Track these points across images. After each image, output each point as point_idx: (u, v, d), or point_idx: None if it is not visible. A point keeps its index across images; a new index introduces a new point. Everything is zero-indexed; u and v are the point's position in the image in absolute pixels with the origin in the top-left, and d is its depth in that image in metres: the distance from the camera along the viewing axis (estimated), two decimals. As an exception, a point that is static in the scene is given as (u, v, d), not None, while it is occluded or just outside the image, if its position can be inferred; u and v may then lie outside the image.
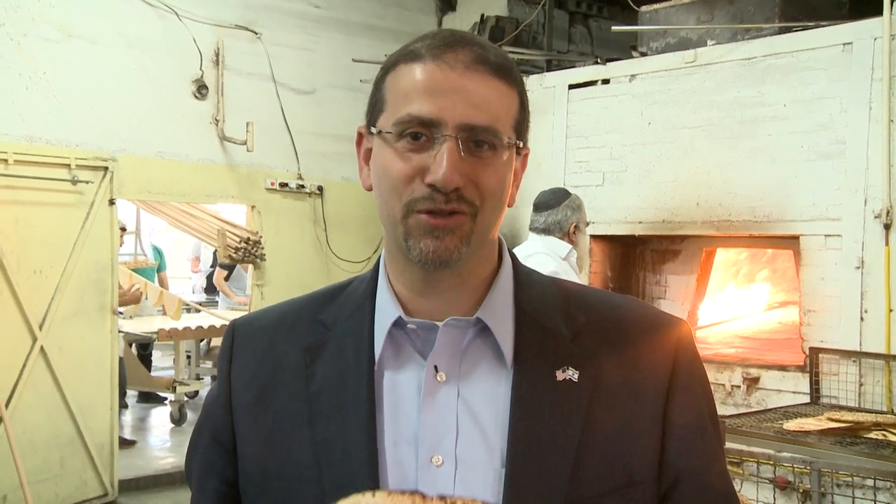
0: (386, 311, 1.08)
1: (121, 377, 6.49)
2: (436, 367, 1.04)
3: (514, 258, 1.14)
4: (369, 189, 1.09)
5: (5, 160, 5.03)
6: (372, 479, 1.00)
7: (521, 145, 1.07)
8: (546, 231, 3.66)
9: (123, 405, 7.67)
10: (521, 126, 1.07)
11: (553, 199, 3.71)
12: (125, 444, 6.37)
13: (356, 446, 1.02)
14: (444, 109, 1.00)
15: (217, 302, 9.49)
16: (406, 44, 1.07)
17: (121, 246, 7.42)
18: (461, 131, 1.00)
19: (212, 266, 10.56)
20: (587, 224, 3.82)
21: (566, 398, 1.03)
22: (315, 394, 1.07)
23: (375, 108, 1.07)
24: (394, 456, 1.02)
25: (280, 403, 1.09)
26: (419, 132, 1.01)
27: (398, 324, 1.07)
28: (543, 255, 3.49)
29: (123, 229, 7.39)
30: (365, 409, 1.03)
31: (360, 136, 1.11)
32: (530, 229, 3.76)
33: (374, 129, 1.06)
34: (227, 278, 9.19)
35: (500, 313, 1.07)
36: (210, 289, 10.63)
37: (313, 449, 1.04)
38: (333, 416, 1.05)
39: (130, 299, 7.30)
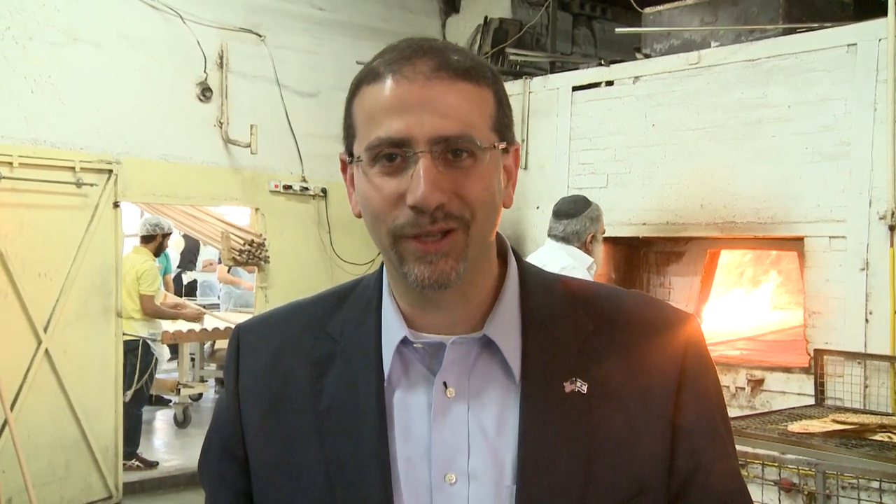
0: (392, 328, 1.06)
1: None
2: (445, 384, 1.03)
3: (519, 259, 1.11)
4: (359, 216, 1.05)
5: (10, 163, 5.04)
6: (386, 500, 1.00)
7: (505, 146, 1.02)
8: (565, 240, 3.73)
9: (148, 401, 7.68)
10: (500, 125, 1.02)
11: (573, 209, 3.76)
12: (148, 465, 6.34)
13: (369, 466, 1.01)
14: (412, 126, 0.95)
15: (218, 305, 9.50)
16: (366, 63, 1.04)
17: (162, 250, 7.04)
18: (434, 145, 0.96)
19: (178, 267, 10.52)
20: (604, 232, 3.87)
21: (575, 410, 1.02)
22: (325, 411, 1.05)
23: (349, 134, 1.04)
24: (407, 475, 1.01)
25: (290, 419, 1.07)
26: (392, 153, 0.97)
27: (405, 342, 1.05)
28: (579, 273, 3.52)
29: (167, 234, 6.82)
30: (376, 428, 1.02)
31: (344, 163, 1.07)
32: (549, 235, 3.81)
33: (348, 158, 1.04)
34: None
35: (506, 327, 1.05)
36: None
37: (325, 469, 1.03)
38: (345, 435, 1.03)
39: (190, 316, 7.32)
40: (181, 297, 9.72)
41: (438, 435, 1.01)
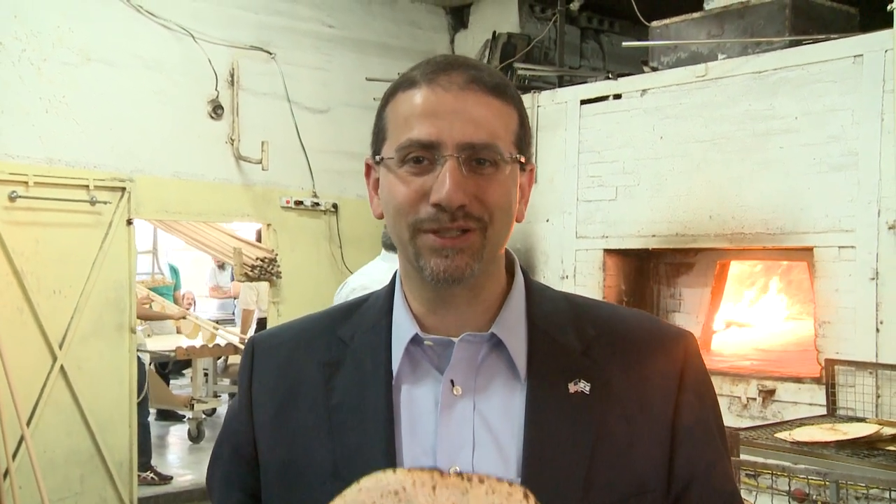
0: (403, 327, 1.10)
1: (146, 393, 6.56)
2: (452, 382, 1.06)
3: (525, 274, 1.16)
4: (380, 217, 1.12)
5: (26, 182, 5.11)
6: None
7: (524, 161, 1.09)
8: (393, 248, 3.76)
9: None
10: (521, 142, 1.09)
11: None
12: (162, 479, 6.37)
13: (375, 460, 1.04)
14: (442, 131, 1.02)
15: (233, 320, 9.54)
16: (404, 73, 1.10)
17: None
18: (461, 150, 1.02)
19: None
20: None
21: (578, 410, 1.06)
22: (335, 407, 1.09)
23: (379, 137, 1.10)
24: None
25: (300, 416, 1.11)
26: (420, 156, 1.03)
27: (415, 340, 1.09)
28: None
29: None
30: (383, 424, 1.06)
31: (368, 168, 1.14)
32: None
33: (377, 158, 1.09)
34: None
35: (513, 328, 1.09)
36: None
37: (333, 462, 1.07)
38: (353, 430, 1.07)
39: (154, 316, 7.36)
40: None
41: (444, 430, 1.05)
